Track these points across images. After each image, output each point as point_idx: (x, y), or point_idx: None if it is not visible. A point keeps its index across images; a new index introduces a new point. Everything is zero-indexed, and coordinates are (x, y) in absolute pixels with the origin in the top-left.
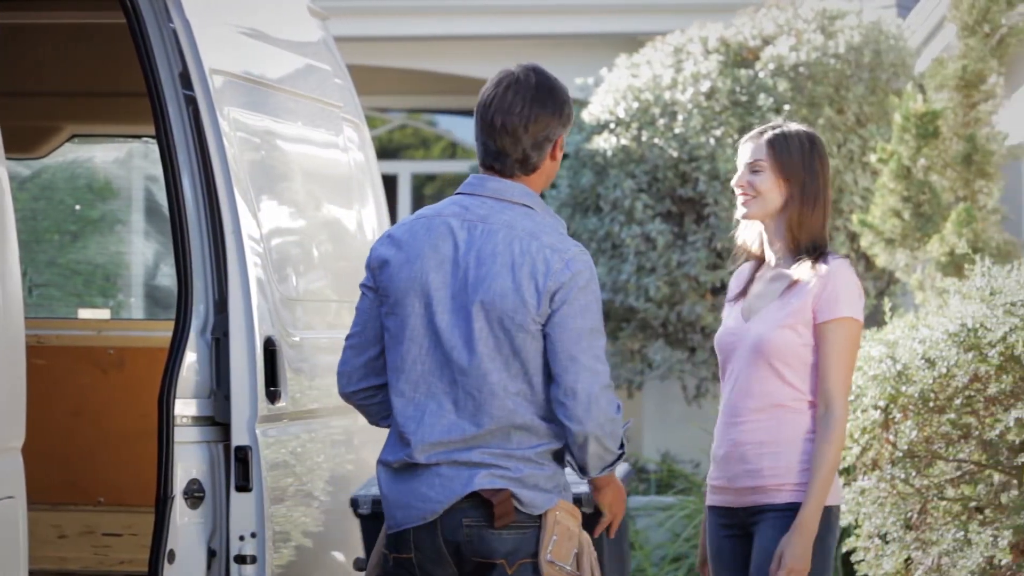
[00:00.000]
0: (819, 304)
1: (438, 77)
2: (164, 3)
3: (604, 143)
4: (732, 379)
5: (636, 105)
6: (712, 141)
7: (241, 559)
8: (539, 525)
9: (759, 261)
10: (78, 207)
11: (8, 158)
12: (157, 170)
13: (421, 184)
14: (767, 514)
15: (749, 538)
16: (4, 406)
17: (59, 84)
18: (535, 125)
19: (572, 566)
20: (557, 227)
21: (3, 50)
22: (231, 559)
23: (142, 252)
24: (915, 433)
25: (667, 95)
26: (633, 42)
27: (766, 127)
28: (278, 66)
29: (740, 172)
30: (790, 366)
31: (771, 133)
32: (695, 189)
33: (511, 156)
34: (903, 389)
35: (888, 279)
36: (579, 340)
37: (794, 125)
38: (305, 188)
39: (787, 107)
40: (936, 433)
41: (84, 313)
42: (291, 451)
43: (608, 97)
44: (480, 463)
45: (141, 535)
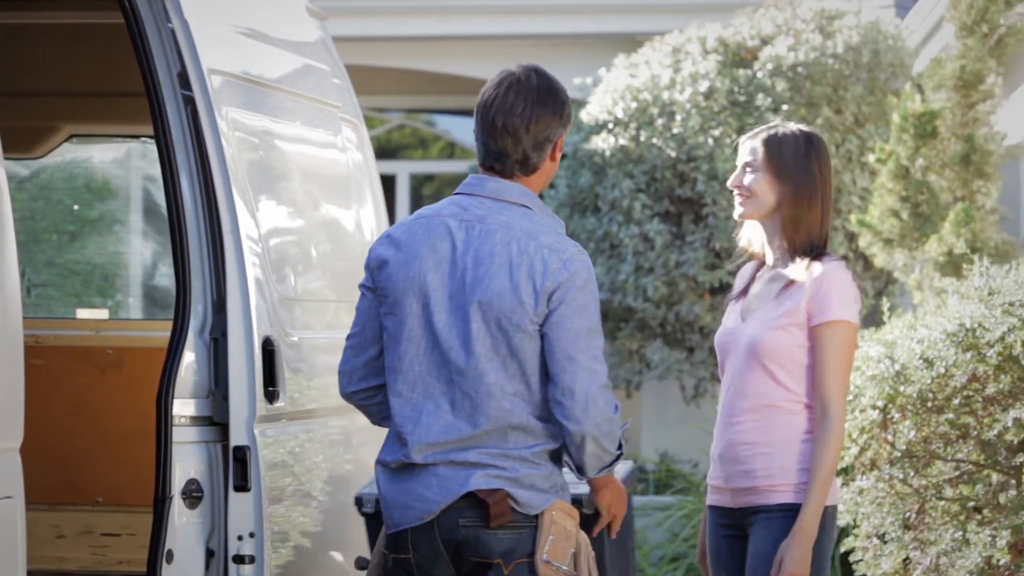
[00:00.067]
0: (812, 306)
1: (436, 77)
2: (162, 3)
3: (602, 143)
4: (728, 379)
5: (634, 105)
6: (710, 141)
7: (239, 559)
8: (536, 525)
9: (761, 261)
10: (76, 207)
11: (6, 158)
12: (155, 170)
13: (419, 184)
14: (760, 515)
15: (746, 538)
16: (2, 406)
17: (57, 84)
18: (536, 126)
19: (569, 566)
20: (555, 227)
21: (1, 50)
22: (229, 559)
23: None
24: (913, 433)
25: (665, 95)
26: (631, 42)
27: (765, 127)
28: (276, 66)
29: (736, 172)
30: (783, 367)
31: (766, 133)
32: (693, 189)
33: (511, 156)
34: (901, 389)
35: (886, 279)
36: (577, 340)
37: (794, 125)
38: (303, 188)
39: (785, 107)
40: (934, 433)
41: (82, 313)
42: (289, 451)
43: (606, 97)
44: (477, 463)
45: (139, 535)
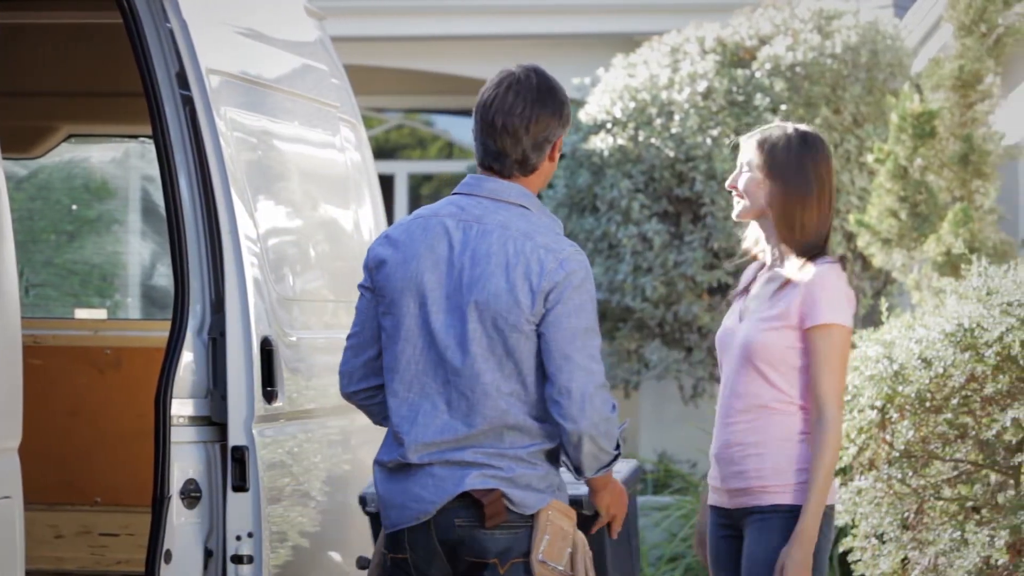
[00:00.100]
0: (803, 309)
1: (435, 77)
2: (161, 3)
3: (601, 143)
4: (724, 379)
5: (633, 105)
6: (709, 141)
7: (238, 559)
8: (532, 525)
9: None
10: (75, 207)
11: (4, 158)
12: (154, 170)
13: (418, 184)
14: (754, 516)
15: (743, 539)
16: (1, 406)
17: (56, 84)
18: (536, 126)
19: (566, 566)
20: (553, 227)
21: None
22: (228, 559)
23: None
24: (912, 433)
25: (664, 95)
26: (630, 42)
27: (764, 127)
28: (275, 66)
29: (735, 172)
30: (775, 368)
31: (760, 133)
32: (692, 189)
33: (511, 156)
34: (900, 389)
35: (885, 279)
36: (573, 339)
37: (793, 125)
38: (302, 188)
39: (784, 107)
40: (933, 433)
41: (81, 313)
42: (288, 451)
43: (605, 97)
44: (472, 463)
45: (138, 535)
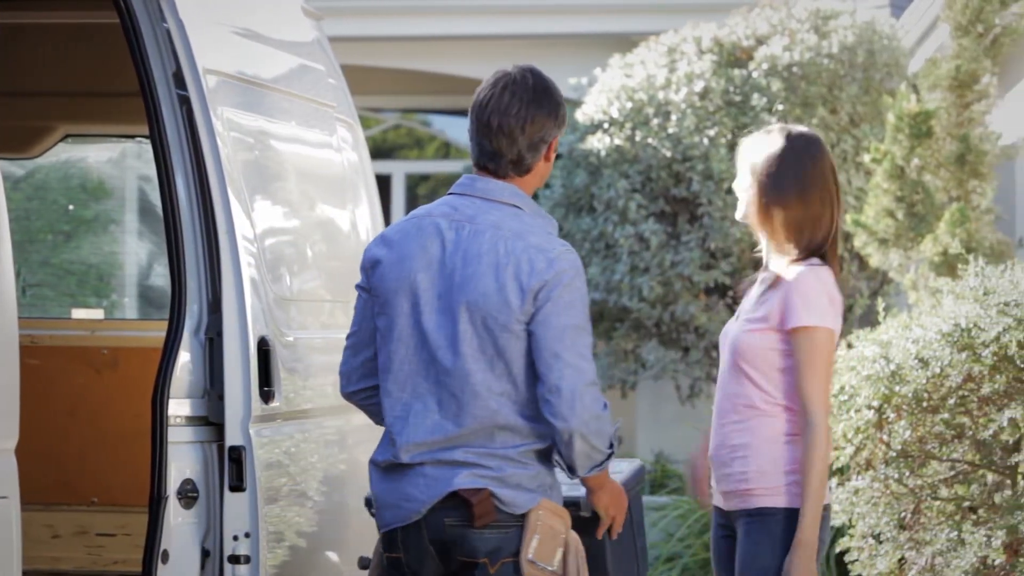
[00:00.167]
0: (783, 311)
1: (432, 77)
2: (158, 3)
3: (598, 143)
4: (718, 380)
5: (630, 105)
6: (706, 141)
7: (235, 559)
8: (523, 525)
9: None
10: (72, 207)
11: (1, 158)
12: (150, 170)
13: (415, 184)
14: (743, 519)
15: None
16: None
17: (53, 84)
18: (532, 126)
19: (557, 567)
20: (545, 227)
21: None
22: (225, 559)
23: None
24: (909, 433)
25: (661, 95)
26: (627, 42)
27: (762, 129)
28: (272, 66)
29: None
30: (758, 369)
31: (752, 135)
32: (689, 189)
33: (506, 157)
34: (897, 389)
35: (882, 279)
36: (562, 337)
37: (787, 127)
38: (299, 188)
39: (780, 107)
40: (930, 433)
41: (78, 313)
42: (285, 451)
43: (602, 97)
44: (463, 462)
45: (135, 535)
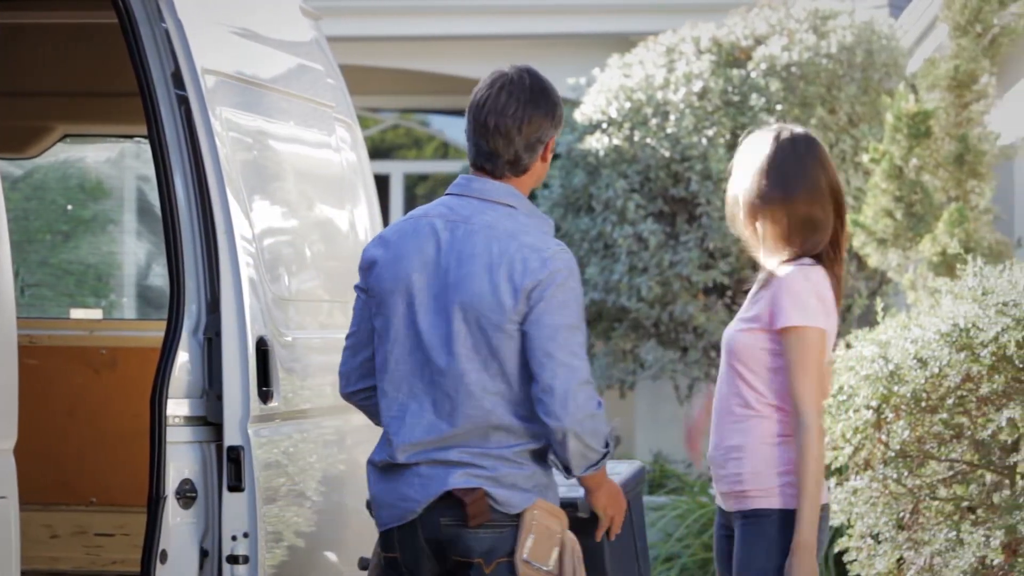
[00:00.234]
0: (771, 311)
1: (430, 77)
2: (156, 3)
3: (596, 143)
4: (717, 380)
5: (628, 105)
6: (704, 141)
7: (233, 559)
8: (518, 524)
9: None
10: (70, 207)
11: (0, 158)
12: (149, 170)
13: (413, 184)
14: (739, 520)
15: None
16: None
17: (51, 84)
18: (528, 127)
19: (554, 567)
20: (540, 227)
21: None
22: (223, 559)
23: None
24: (907, 433)
25: (659, 95)
26: (625, 42)
27: (758, 129)
28: (271, 66)
29: None
30: (750, 369)
31: (744, 136)
32: (687, 189)
33: (503, 157)
34: (895, 389)
35: (880, 279)
36: (555, 336)
37: (776, 127)
38: (297, 188)
39: (779, 107)
40: (928, 433)
41: (76, 313)
42: (283, 451)
43: (600, 97)
44: (458, 462)
45: (133, 535)
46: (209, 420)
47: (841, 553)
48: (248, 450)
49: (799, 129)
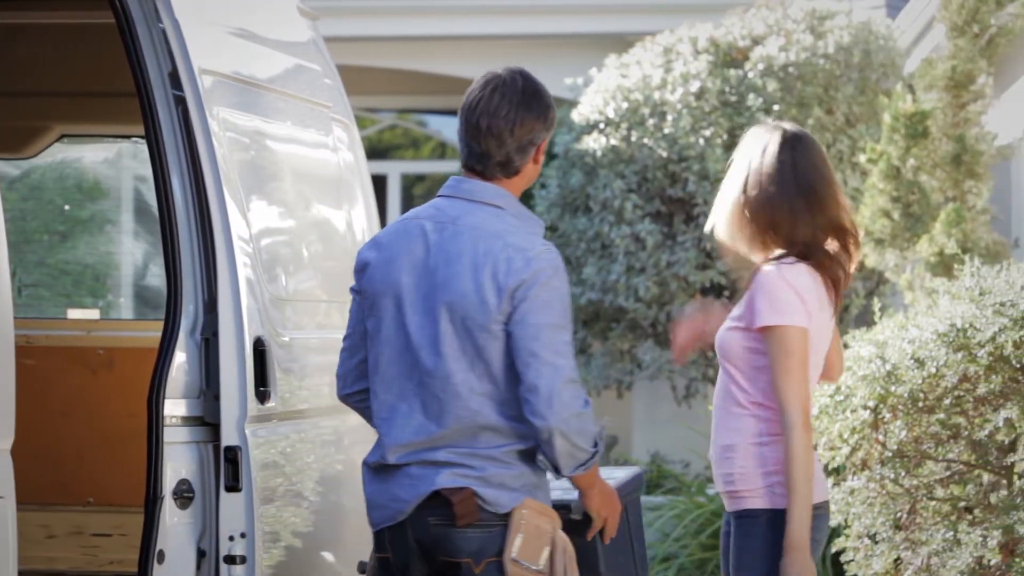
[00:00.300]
0: (751, 311)
1: (428, 77)
2: (153, 3)
3: (594, 143)
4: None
5: (626, 105)
6: (701, 141)
7: (231, 559)
8: (507, 524)
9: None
10: (67, 207)
11: None
12: (146, 170)
13: (411, 184)
14: (734, 520)
15: None
16: None
17: (48, 84)
18: (521, 128)
19: (544, 566)
20: (528, 227)
21: None
22: (221, 559)
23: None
24: (904, 433)
25: (656, 95)
26: (622, 42)
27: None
28: (268, 66)
29: None
30: (738, 368)
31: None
32: (684, 189)
33: (494, 158)
34: (892, 389)
35: (878, 279)
36: (538, 336)
37: (768, 126)
38: (294, 188)
39: (776, 107)
40: (925, 433)
41: (73, 313)
42: (281, 451)
43: (597, 97)
44: (446, 462)
45: (130, 535)
46: (206, 420)
47: (838, 553)
48: (245, 450)
49: (786, 126)
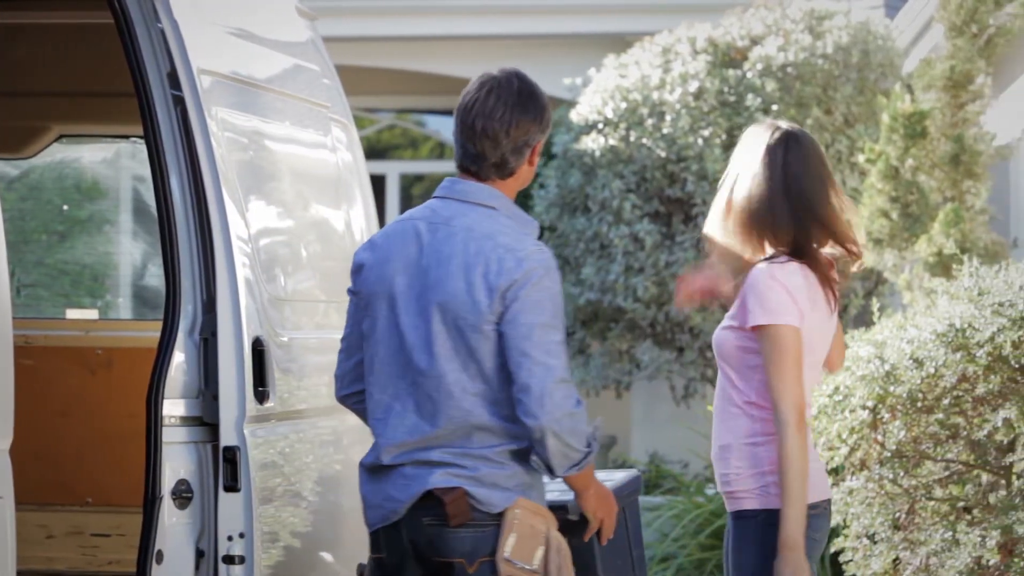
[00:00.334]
0: (743, 311)
1: (426, 77)
2: (152, 3)
3: (592, 143)
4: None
5: (624, 105)
6: (700, 141)
7: (229, 559)
8: (500, 524)
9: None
10: (66, 207)
11: None
12: (145, 170)
13: (409, 184)
14: (731, 520)
15: None
16: None
17: (47, 84)
18: (516, 130)
19: (538, 566)
20: (521, 228)
21: None
22: (219, 559)
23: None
24: (903, 433)
25: (655, 95)
26: (621, 42)
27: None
28: (266, 66)
29: None
30: (733, 367)
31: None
32: (683, 189)
33: (489, 160)
34: (891, 389)
35: (876, 279)
36: (529, 335)
37: (763, 124)
38: (293, 188)
39: (775, 107)
40: (924, 433)
41: (72, 313)
42: (279, 451)
43: (596, 97)
44: (439, 462)
45: (129, 535)
46: (205, 420)
47: (837, 553)
48: (244, 450)
49: (780, 125)
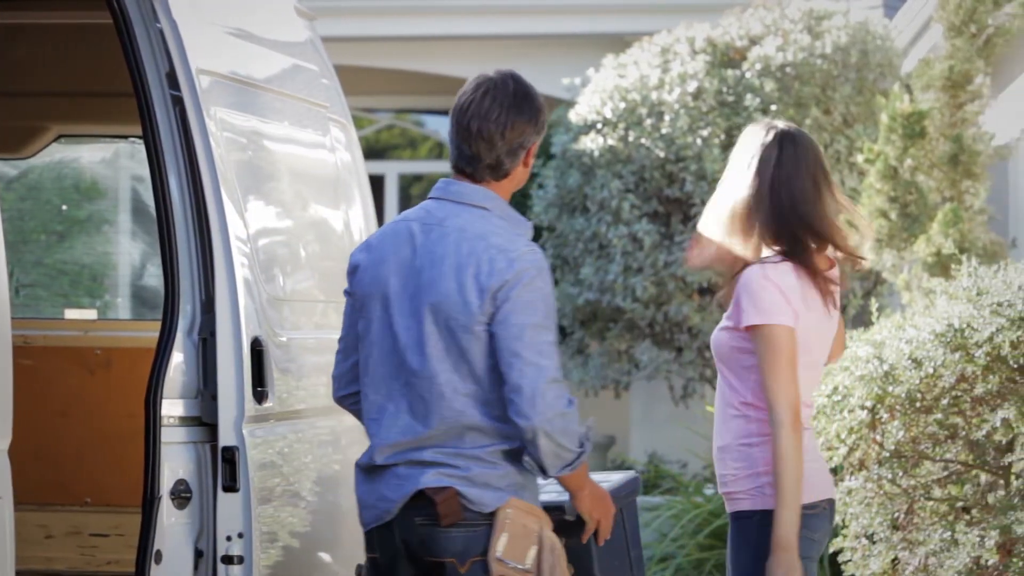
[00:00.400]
0: (737, 311)
1: (425, 77)
2: (151, 3)
3: (591, 143)
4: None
5: (623, 105)
6: (699, 141)
7: (228, 559)
8: (492, 523)
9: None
10: (65, 207)
11: None
12: (144, 170)
13: (408, 184)
14: (731, 521)
15: None
16: None
17: (45, 84)
18: (511, 132)
19: (531, 565)
20: (513, 229)
21: None
22: (218, 559)
23: (129, 252)
24: (902, 433)
25: (654, 95)
26: (620, 42)
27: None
28: (265, 66)
29: None
30: (730, 368)
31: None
32: (682, 189)
33: (484, 161)
34: (890, 389)
35: (875, 279)
36: (521, 336)
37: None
38: (292, 188)
39: (774, 107)
40: (923, 433)
41: (71, 313)
42: (278, 451)
43: (595, 97)
44: (431, 462)
45: (128, 535)
46: (204, 420)
47: (836, 553)
48: (243, 450)
49: (776, 124)
